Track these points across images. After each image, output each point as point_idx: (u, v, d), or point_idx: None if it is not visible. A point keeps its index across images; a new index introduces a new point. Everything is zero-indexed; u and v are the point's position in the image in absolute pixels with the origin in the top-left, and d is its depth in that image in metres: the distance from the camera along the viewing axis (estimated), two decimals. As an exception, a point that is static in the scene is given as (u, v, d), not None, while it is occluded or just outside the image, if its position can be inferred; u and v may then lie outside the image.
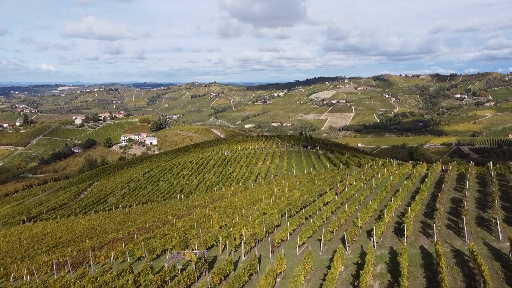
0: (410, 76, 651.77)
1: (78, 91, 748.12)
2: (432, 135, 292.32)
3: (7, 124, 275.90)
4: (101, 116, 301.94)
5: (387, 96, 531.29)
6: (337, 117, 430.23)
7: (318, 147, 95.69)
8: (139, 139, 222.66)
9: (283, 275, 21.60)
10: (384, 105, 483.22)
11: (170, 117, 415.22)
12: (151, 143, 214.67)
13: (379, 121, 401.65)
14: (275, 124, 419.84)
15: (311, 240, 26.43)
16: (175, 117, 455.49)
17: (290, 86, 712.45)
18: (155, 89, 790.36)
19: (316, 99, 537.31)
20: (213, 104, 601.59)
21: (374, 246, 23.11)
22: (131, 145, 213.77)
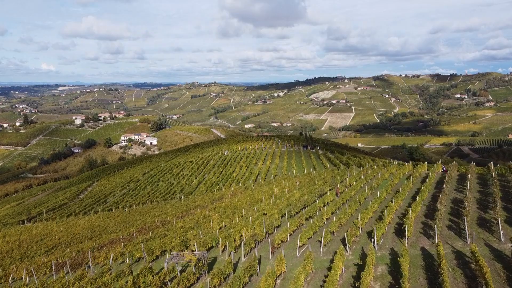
0: (410, 76, 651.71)
1: (78, 91, 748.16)
2: (432, 135, 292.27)
3: (7, 124, 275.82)
4: (101, 116, 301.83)
5: (387, 96, 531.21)
6: (337, 117, 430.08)
7: (318, 147, 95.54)
8: (139, 139, 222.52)
9: (283, 277, 21.46)
10: (384, 105, 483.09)
11: (170, 117, 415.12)
12: (151, 143, 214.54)
13: (379, 121, 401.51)
14: (275, 124, 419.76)
15: (311, 241, 26.29)
16: (175, 117, 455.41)
17: (290, 86, 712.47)
18: (155, 89, 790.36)
19: (316, 99, 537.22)
20: (213, 104, 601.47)
21: (374, 247, 22.97)
22: (131, 145, 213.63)
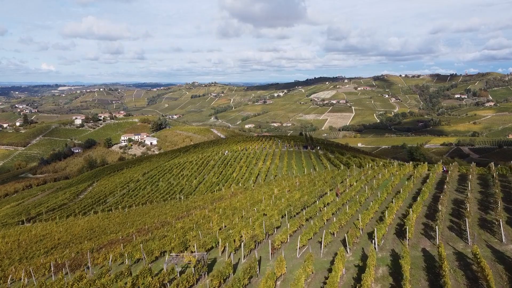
0: (410, 76, 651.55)
1: (78, 91, 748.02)
2: (432, 135, 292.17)
3: (7, 124, 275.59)
4: (101, 116, 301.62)
5: (387, 96, 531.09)
6: (337, 117, 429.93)
7: (318, 147, 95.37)
8: (139, 139, 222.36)
9: (283, 278, 21.31)
10: (384, 105, 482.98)
11: (170, 117, 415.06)
12: (151, 143, 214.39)
13: (379, 121, 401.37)
14: (275, 124, 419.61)
15: (311, 242, 26.14)
16: (175, 117, 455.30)
17: (290, 86, 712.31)
18: (155, 89, 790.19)
19: (316, 99, 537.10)
20: (213, 104, 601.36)
21: (375, 248, 22.82)
22: (131, 145, 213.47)
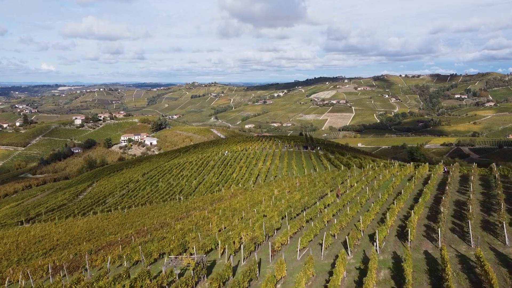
0: (410, 76, 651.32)
1: (78, 91, 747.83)
2: (432, 135, 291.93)
3: (7, 124, 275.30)
4: (101, 116, 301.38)
5: (387, 96, 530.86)
6: (337, 117, 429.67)
7: (318, 148, 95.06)
8: (139, 140, 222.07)
9: (284, 281, 21.02)
10: (384, 105, 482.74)
11: (170, 117, 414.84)
12: (151, 144, 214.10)
13: (379, 121, 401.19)
14: (275, 124, 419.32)
15: (312, 244, 25.86)
16: (175, 117, 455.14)
17: (290, 86, 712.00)
18: (155, 89, 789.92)
19: (316, 99, 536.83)
20: (213, 104, 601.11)
21: (377, 250, 22.53)
22: (131, 146, 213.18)
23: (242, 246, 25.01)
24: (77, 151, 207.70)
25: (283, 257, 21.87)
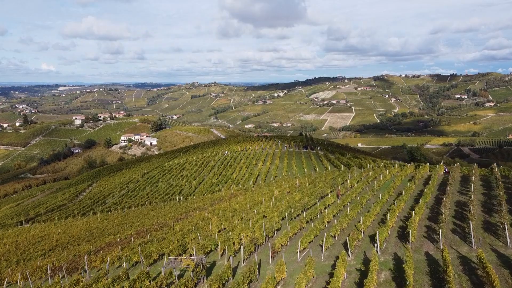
0: (410, 76, 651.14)
1: (78, 91, 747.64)
2: (432, 135, 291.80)
3: (7, 124, 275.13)
4: (101, 116, 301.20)
5: (387, 96, 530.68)
6: (337, 117, 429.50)
7: (318, 148, 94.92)
8: (139, 140, 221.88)
9: (284, 282, 20.87)
10: (384, 105, 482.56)
11: (170, 117, 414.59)
12: (151, 144, 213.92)
13: (379, 121, 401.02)
14: (275, 124, 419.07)
15: (312, 245, 25.70)
16: (175, 117, 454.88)
17: (290, 86, 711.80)
18: (155, 89, 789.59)
19: (316, 99, 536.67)
20: (213, 104, 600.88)
21: (377, 252, 22.39)
22: (131, 146, 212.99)
23: (242, 247, 24.85)
24: (77, 151, 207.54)
25: (283, 258, 21.73)
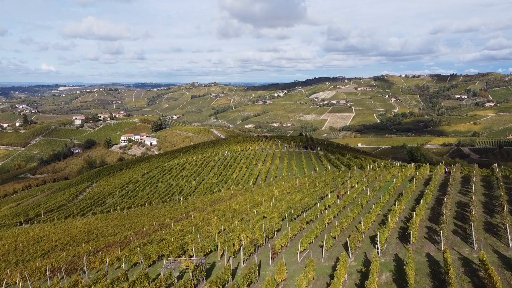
0: (410, 76, 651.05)
1: (78, 91, 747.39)
2: (432, 135, 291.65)
3: (7, 124, 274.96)
4: (101, 116, 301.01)
5: (387, 96, 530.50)
6: (337, 118, 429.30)
7: (318, 148, 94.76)
8: (139, 140, 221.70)
9: (284, 284, 20.72)
10: (384, 106, 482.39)
11: (170, 117, 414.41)
12: (151, 144, 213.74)
13: (379, 121, 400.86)
14: (275, 124, 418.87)
15: (312, 246, 25.55)
16: (175, 117, 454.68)
17: (290, 86, 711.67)
18: (155, 89, 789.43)
19: (316, 99, 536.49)
20: (213, 104, 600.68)
21: (378, 253, 22.23)
22: (131, 146, 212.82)
23: (242, 248, 24.70)
24: (77, 151, 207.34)
25: (283, 260, 21.58)
